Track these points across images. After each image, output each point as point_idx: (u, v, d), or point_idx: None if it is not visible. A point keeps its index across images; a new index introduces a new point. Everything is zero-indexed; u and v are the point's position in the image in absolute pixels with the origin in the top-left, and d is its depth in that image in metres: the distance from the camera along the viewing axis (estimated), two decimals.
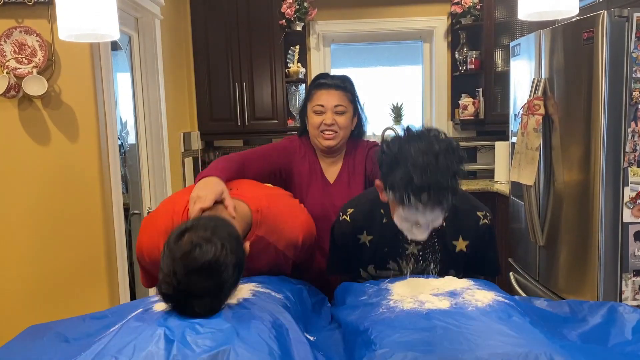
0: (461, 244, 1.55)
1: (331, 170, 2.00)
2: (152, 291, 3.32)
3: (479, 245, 1.56)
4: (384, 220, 1.55)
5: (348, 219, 1.61)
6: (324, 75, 2.02)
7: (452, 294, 1.27)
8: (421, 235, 1.37)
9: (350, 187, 1.96)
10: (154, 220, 1.57)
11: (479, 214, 1.57)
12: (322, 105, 1.91)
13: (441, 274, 1.51)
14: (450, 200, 1.27)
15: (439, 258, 1.54)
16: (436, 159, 1.25)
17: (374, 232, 1.58)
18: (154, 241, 1.49)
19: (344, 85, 1.95)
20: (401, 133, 1.37)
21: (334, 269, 1.72)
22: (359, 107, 2.01)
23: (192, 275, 1.12)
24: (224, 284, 1.16)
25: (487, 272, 1.65)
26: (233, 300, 1.24)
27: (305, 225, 1.61)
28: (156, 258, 1.38)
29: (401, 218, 1.35)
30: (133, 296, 3.00)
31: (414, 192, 1.24)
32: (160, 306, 1.21)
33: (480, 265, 1.61)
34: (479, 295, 1.25)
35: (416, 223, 1.33)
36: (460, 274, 1.54)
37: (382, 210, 1.56)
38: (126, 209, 2.57)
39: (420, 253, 1.54)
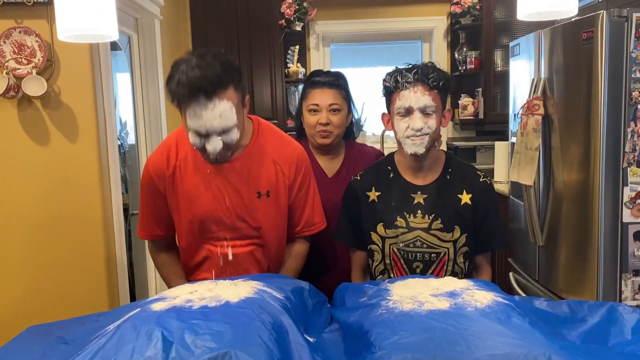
0: (465, 197, 1.68)
1: (330, 167, 2.03)
2: (152, 293, 3.33)
3: (481, 200, 1.69)
4: (391, 175, 1.72)
5: (358, 177, 1.78)
6: (318, 73, 2.04)
7: (452, 295, 1.27)
8: (420, 124, 1.57)
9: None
10: (162, 143, 1.73)
11: (479, 172, 1.75)
12: (317, 105, 1.94)
13: (447, 229, 1.64)
14: (437, 81, 1.57)
15: (444, 209, 1.65)
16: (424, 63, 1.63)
17: (382, 188, 1.72)
18: (161, 154, 1.65)
19: (338, 83, 1.98)
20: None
21: (341, 234, 1.80)
22: (352, 104, 2.04)
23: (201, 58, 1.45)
24: (230, 63, 1.47)
25: (493, 240, 1.72)
26: (234, 298, 1.24)
27: (300, 148, 1.74)
28: (161, 170, 1.60)
29: (398, 116, 1.61)
30: (133, 297, 2.99)
31: (402, 72, 1.61)
32: (159, 306, 1.21)
33: (485, 228, 1.70)
34: (479, 296, 1.25)
35: (410, 112, 1.58)
36: (465, 235, 1.66)
37: (389, 167, 1.75)
38: (126, 210, 2.57)
39: (426, 203, 1.66)
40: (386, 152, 2.14)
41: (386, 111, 1.72)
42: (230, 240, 1.66)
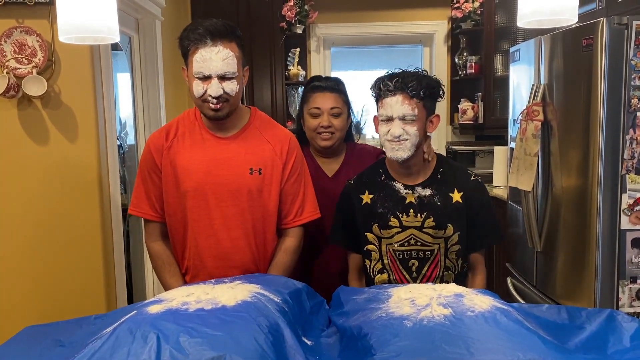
0: (456, 196, 1.72)
1: (330, 167, 2.06)
2: (149, 294, 3.33)
3: (473, 198, 1.73)
4: (383, 178, 1.77)
5: (352, 182, 1.83)
6: (318, 78, 2.10)
7: (452, 299, 1.27)
8: (399, 149, 1.62)
9: None
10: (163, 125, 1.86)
11: (470, 172, 1.79)
12: (319, 108, 1.98)
13: (439, 226, 1.68)
14: (417, 90, 1.61)
15: (436, 207, 1.70)
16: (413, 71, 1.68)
17: (375, 190, 1.76)
18: (161, 130, 1.77)
19: (338, 88, 2.03)
20: None
21: (337, 236, 1.84)
22: (350, 109, 2.09)
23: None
24: (236, 28, 1.66)
25: (486, 235, 1.76)
26: (231, 301, 1.24)
27: (292, 134, 1.83)
28: (160, 144, 1.72)
29: (380, 123, 1.66)
30: (130, 298, 2.99)
31: (384, 80, 1.66)
32: (155, 308, 1.20)
33: (478, 224, 1.74)
34: (478, 301, 1.25)
35: (390, 119, 1.63)
36: (458, 233, 1.69)
37: (380, 170, 1.79)
38: (124, 210, 2.56)
39: (418, 202, 1.70)
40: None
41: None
42: (219, 219, 1.69)
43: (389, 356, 1.10)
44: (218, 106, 1.62)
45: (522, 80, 2.76)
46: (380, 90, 1.66)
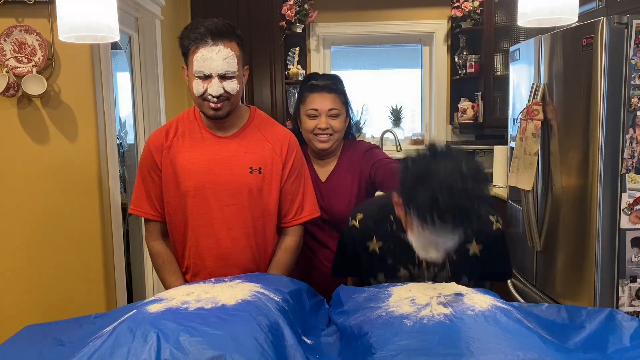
0: (475, 248, 1.53)
1: (324, 170, 2.03)
2: (149, 293, 3.32)
3: (492, 249, 1.55)
4: (394, 228, 1.53)
5: (357, 224, 1.60)
6: (315, 76, 2.02)
7: (451, 298, 1.27)
8: (436, 255, 1.33)
9: (343, 185, 1.97)
10: (164, 125, 1.85)
11: (491, 218, 1.56)
12: (316, 110, 1.92)
13: (454, 279, 1.46)
14: (474, 224, 1.25)
15: (452, 263, 1.51)
16: (464, 181, 1.21)
17: (384, 239, 1.56)
18: (161, 130, 1.77)
19: (336, 87, 1.96)
20: (425, 151, 1.31)
21: (340, 272, 1.74)
22: (349, 107, 2.02)
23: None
24: (236, 27, 1.66)
25: (499, 276, 1.66)
26: (231, 301, 1.24)
27: (292, 133, 1.82)
28: (160, 143, 1.72)
29: (417, 237, 1.32)
30: (130, 297, 2.99)
31: (439, 212, 1.20)
32: (155, 307, 1.20)
33: (492, 268, 1.59)
34: (478, 300, 1.25)
35: (434, 244, 1.30)
36: (472, 281, 1.53)
37: (391, 217, 1.53)
38: (124, 209, 2.56)
39: None
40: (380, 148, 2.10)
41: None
42: (219, 218, 1.69)
43: (389, 355, 1.09)
44: (218, 105, 1.62)
45: (522, 80, 2.76)
46: (426, 221, 1.25)
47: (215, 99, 1.61)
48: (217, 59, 1.58)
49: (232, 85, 1.62)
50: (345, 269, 1.73)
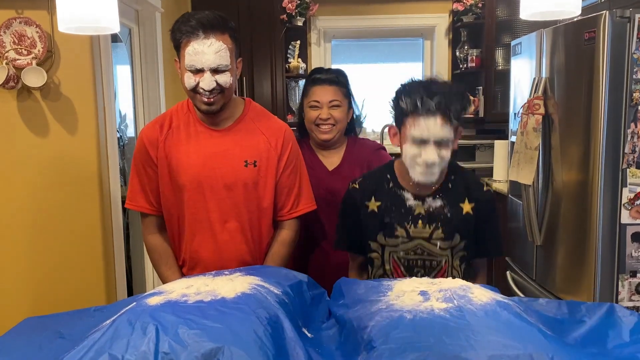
0: (467, 207, 1.63)
1: (330, 160, 2.05)
2: (149, 286, 3.32)
3: (483, 210, 1.65)
4: (391, 185, 1.67)
5: (357, 186, 1.72)
6: (319, 70, 2.07)
7: (452, 292, 1.27)
8: (430, 174, 1.51)
9: (353, 175, 1.98)
10: (156, 117, 1.81)
11: (482, 181, 1.70)
12: (318, 101, 1.97)
13: (448, 237, 1.61)
14: (458, 113, 1.47)
15: (446, 221, 1.61)
16: (445, 82, 1.54)
17: (382, 198, 1.66)
18: (154, 123, 1.74)
19: (338, 80, 2.01)
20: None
21: (341, 242, 1.77)
22: (353, 101, 2.06)
23: None
24: (228, 19, 1.64)
25: (490, 248, 1.72)
26: (230, 294, 1.23)
27: (287, 125, 1.80)
28: (154, 137, 1.70)
29: (410, 142, 1.51)
30: (130, 289, 3.00)
31: (422, 98, 1.46)
32: (154, 300, 1.20)
33: (483, 236, 1.67)
34: (478, 294, 1.25)
35: (425, 142, 1.48)
36: (464, 241, 1.63)
37: (388, 176, 1.68)
38: (124, 202, 2.56)
39: (427, 214, 1.62)
40: (386, 148, 2.14)
41: (393, 122, 1.64)
42: (215, 212, 1.68)
43: (388, 348, 1.09)
44: (211, 99, 1.61)
45: (523, 74, 2.75)
46: (417, 107, 1.48)
47: (207, 93, 1.59)
48: (209, 52, 1.56)
49: (225, 79, 1.60)
50: (347, 239, 1.75)
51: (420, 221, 1.62)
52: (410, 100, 1.49)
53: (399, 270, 1.67)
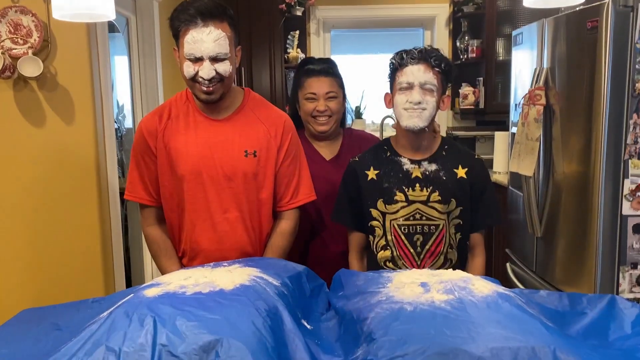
0: (461, 172, 1.75)
1: (327, 150, 2.06)
2: (148, 278, 3.32)
3: (477, 176, 1.77)
4: (388, 154, 1.78)
5: (357, 159, 1.83)
6: (311, 61, 2.07)
7: (453, 284, 1.26)
8: (417, 117, 1.64)
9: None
10: (156, 108, 1.81)
11: (472, 152, 1.85)
12: (314, 93, 1.97)
13: (444, 200, 1.71)
14: (440, 60, 1.64)
15: (442, 184, 1.72)
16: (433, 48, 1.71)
17: (380, 166, 1.77)
18: (153, 114, 1.74)
19: (333, 71, 2.01)
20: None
21: (340, 213, 1.83)
22: (344, 93, 2.07)
23: None
24: (227, 7, 1.63)
25: (487, 215, 1.80)
26: (229, 285, 1.22)
27: (287, 115, 1.81)
28: (153, 127, 1.69)
29: (399, 91, 1.66)
30: (128, 281, 2.99)
31: (408, 50, 1.66)
32: (152, 292, 1.19)
33: (480, 204, 1.77)
34: (479, 286, 1.24)
35: (411, 87, 1.64)
36: (460, 208, 1.73)
37: (385, 147, 1.81)
38: (122, 194, 2.54)
39: (424, 177, 1.72)
40: None
41: (389, 92, 1.77)
42: (215, 202, 1.68)
43: (388, 340, 1.08)
44: (211, 88, 1.60)
45: (524, 64, 2.73)
46: (403, 59, 1.67)
47: (207, 82, 1.58)
48: (207, 40, 1.55)
49: (224, 67, 1.59)
50: (346, 211, 1.81)
51: (417, 184, 1.72)
52: (397, 55, 1.69)
53: (400, 238, 1.72)
